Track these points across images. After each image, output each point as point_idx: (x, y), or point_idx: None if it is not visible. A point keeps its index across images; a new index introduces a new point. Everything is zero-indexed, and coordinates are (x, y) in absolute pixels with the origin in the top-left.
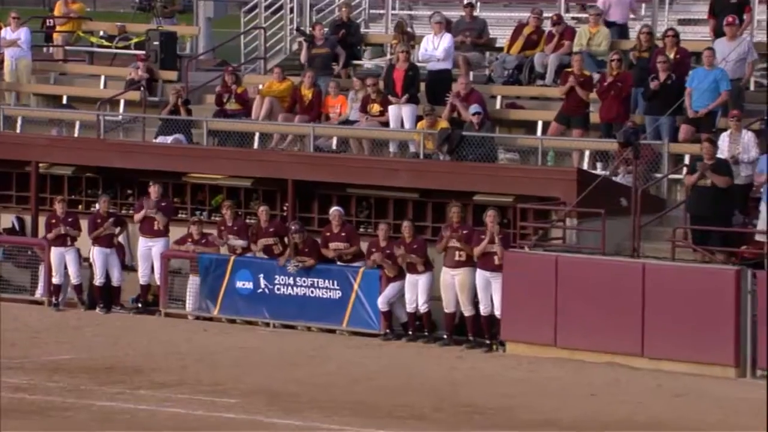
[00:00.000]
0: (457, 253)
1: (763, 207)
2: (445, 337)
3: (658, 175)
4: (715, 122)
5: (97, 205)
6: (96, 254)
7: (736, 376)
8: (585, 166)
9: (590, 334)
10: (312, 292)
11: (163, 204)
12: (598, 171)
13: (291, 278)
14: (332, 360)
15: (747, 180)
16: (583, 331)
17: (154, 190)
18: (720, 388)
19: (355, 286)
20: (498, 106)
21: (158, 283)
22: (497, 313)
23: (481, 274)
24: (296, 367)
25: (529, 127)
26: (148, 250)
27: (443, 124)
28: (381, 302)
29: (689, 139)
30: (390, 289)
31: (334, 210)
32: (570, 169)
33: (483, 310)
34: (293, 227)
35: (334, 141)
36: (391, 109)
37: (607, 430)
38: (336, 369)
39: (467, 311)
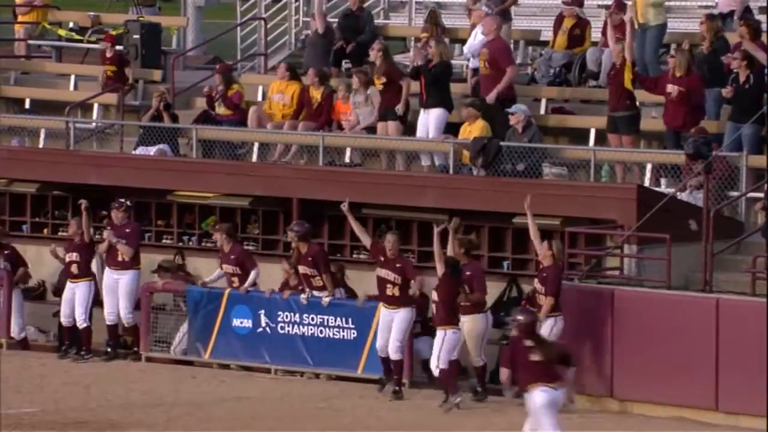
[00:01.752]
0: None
1: None
2: (479, 390)
3: (735, 194)
4: None
5: (69, 229)
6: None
7: None
8: (647, 183)
9: (653, 384)
10: (322, 331)
11: (126, 230)
12: (663, 189)
13: (297, 315)
14: (345, 413)
15: None
16: (645, 379)
17: (115, 213)
18: None
19: (374, 326)
20: (543, 111)
21: (129, 323)
22: None
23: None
24: (302, 421)
25: (580, 136)
26: (114, 284)
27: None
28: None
29: None
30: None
31: (390, 235)
32: (629, 186)
33: None
34: (295, 228)
35: (348, 152)
36: (420, 117)
37: None
38: (350, 423)
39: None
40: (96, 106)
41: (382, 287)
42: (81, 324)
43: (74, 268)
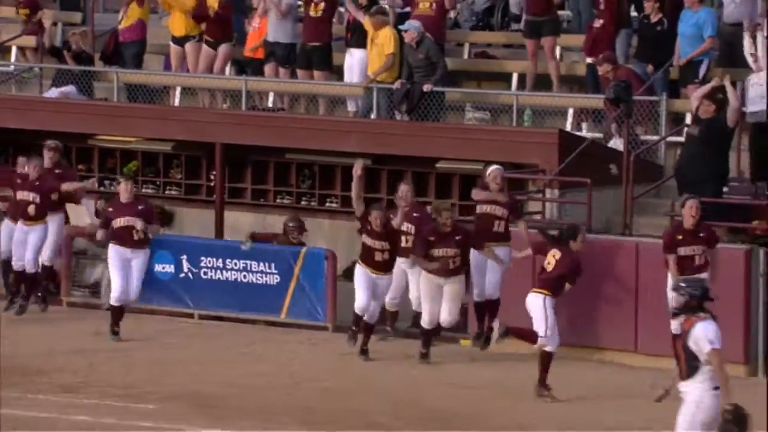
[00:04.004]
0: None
1: None
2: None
3: (654, 138)
4: (698, 73)
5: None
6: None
7: (745, 375)
8: (568, 128)
9: (574, 326)
10: (245, 276)
11: (36, 183)
12: (584, 133)
13: (220, 260)
14: (268, 358)
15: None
16: (566, 321)
17: (22, 163)
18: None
19: (296, 270)
20: (466, 56)
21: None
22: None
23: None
24: (225, 366)
25: (502, 80)
26: (24, 236)
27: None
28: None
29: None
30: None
31: (375, 212)
32: (551, 130)
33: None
34: (291, 224)
35: (270, 97)
36: (345, 59)
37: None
38: (273, 369)
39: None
40: (14, 49)
41: (371, 254)
42: (31, 269)
43: (31, 209)
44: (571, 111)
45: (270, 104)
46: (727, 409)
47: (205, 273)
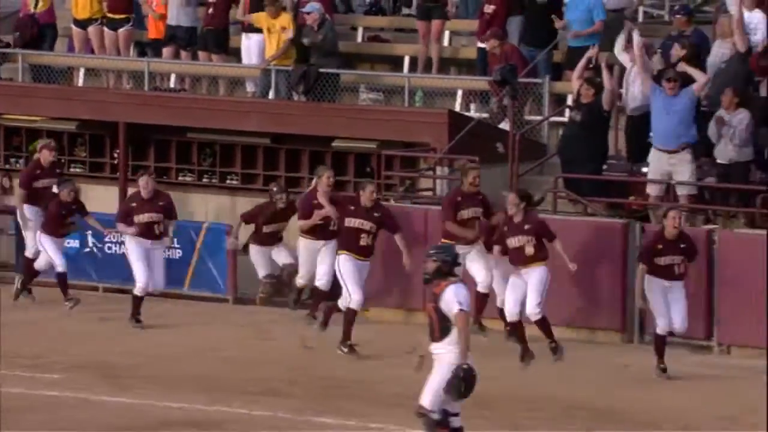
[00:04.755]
0: None
1: (653, 153)
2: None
3: (538, 118)
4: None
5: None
6: None
7: (622, 342)
8: (457, 108)
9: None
10: None
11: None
12: (472, 113)
13: (123, 235)
14: (172, 328)
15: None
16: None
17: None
18: (603, 354)
19: (198, 245)
20: (360, 39)
21: None
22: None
23: None
24: (129, 336)
25: (395, 63)
26: None
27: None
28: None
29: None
30: None
31: (369, 185)
32: (440, 111)
33: None
34: (275, 189)
35: (172, 78)
36: (242, 41)
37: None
38: (176, 339)
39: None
40: None
41: (355, 237)
42: None
43: None
44: (460, 92)
45: (172, 85)
46: (463, 367)
47: (110, 248)
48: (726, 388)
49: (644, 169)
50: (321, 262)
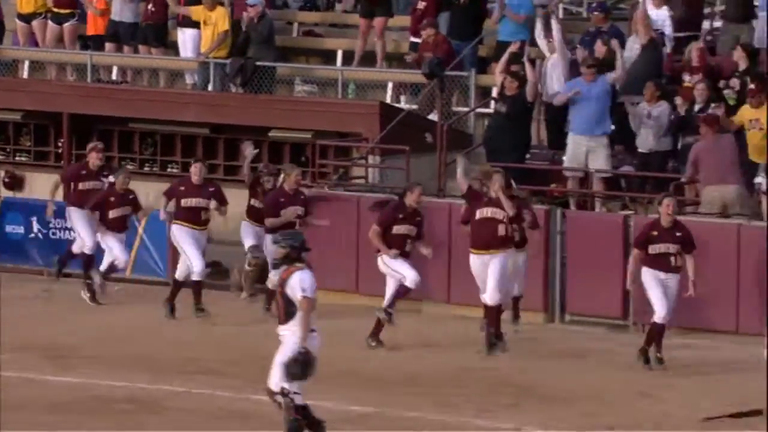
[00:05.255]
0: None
1: (570, 138)
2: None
3: (465, 109)
4: (523, 52)
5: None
6: None
7: (544, 322)
8: (388, 100)
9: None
10: None
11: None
12: (403, 105)
13: (68, 221)
14: (114, 311)
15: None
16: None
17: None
18: (528, 333)
19: (140, 230)
20: (295, 34)
21: None
22: None
23: None
24: (73, 318)
25: (329, 56)
26: None
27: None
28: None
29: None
30: None
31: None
32: (372, 102)
33: None
34: (264, 170)
35: (114, 70)
36: (178, 35)
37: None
38: (118, 320)
39: None
40: None
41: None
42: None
43: None
44: (390, 85)
45: (114, 77)
46: (300, 351)
47: (54, 233)
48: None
49: (565, 158)
50: None
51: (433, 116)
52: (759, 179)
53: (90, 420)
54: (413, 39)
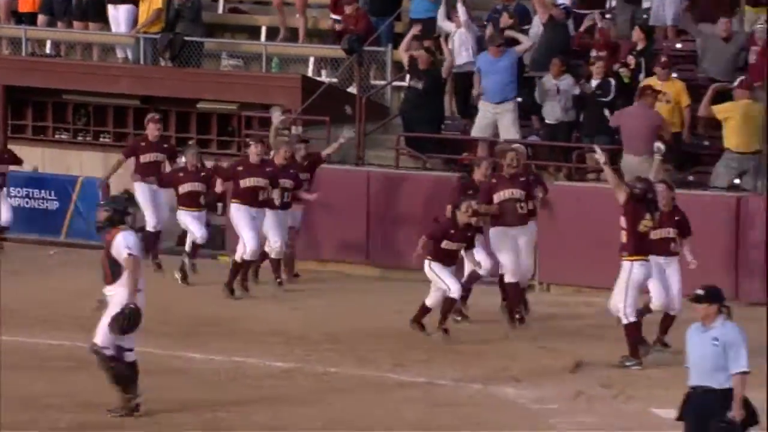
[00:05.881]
0: None
1: (480, 105)
2: None
3: (382, 82)
4: (435, 27)
5: None
6: None
7: None
8: (310, 73)
9: (321, 242)
10: (27, 202)
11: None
12: (323, 78)
13: (4, 189)
14: (58, 274)
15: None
16: (313, 240)
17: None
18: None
19: (74, 197)
20: (220, 11)
21: None
22: None
23: None
24: (13, 283)
25: (254, 32)
26: None
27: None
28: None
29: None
30: None
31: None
32: (294, 76)
33: None
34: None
35: (48, 44)
36: (110, 11)
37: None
38: (57, 284)
39: None
40: None
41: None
42: None
43: None
44: (312, 59)
45: (48, 51)
46: (129, 306)
47: None
48: (552, 322)
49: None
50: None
51: (352, 89)
52: (658, 143)
53: (27, 375)
54: (333, 16)
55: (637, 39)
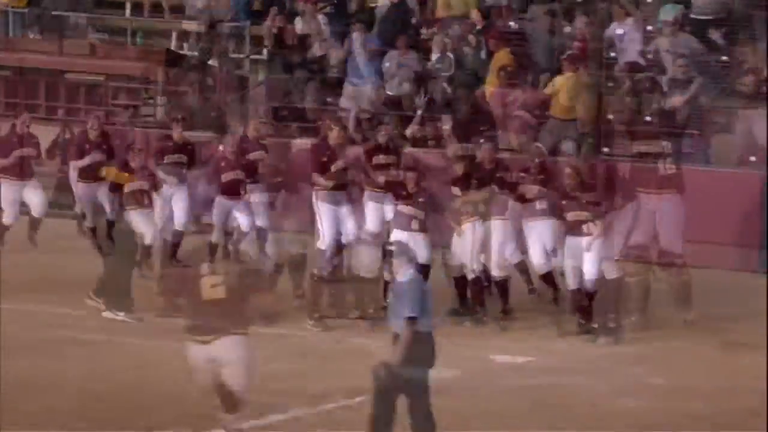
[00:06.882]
0: None
1: (348, 86)
2: None
3: (241, 56)
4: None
5: None
6: None
7: None
8: (173, 47)
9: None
10: None
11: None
12: (185, 51)
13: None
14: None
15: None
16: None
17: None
18: None
19: None
20: None
21: None
22: None
23: None
24: None
25: (119, 7)
26: None
27: None
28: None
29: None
30: None
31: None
32: (158, 49)
33: None
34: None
35: None
36: None
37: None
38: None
39: None
40: None
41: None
42: None
43: None
44: (174, 34)
45: None
46: None
47: None
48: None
49: (329, 99)
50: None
51: (213, 62)
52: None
53: None
54: None
55: (475, 19)
